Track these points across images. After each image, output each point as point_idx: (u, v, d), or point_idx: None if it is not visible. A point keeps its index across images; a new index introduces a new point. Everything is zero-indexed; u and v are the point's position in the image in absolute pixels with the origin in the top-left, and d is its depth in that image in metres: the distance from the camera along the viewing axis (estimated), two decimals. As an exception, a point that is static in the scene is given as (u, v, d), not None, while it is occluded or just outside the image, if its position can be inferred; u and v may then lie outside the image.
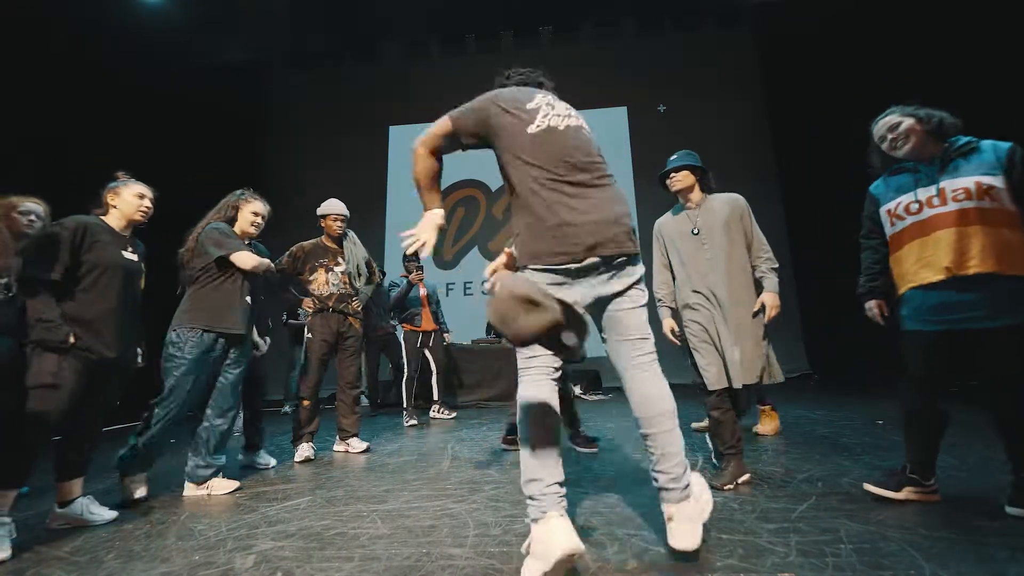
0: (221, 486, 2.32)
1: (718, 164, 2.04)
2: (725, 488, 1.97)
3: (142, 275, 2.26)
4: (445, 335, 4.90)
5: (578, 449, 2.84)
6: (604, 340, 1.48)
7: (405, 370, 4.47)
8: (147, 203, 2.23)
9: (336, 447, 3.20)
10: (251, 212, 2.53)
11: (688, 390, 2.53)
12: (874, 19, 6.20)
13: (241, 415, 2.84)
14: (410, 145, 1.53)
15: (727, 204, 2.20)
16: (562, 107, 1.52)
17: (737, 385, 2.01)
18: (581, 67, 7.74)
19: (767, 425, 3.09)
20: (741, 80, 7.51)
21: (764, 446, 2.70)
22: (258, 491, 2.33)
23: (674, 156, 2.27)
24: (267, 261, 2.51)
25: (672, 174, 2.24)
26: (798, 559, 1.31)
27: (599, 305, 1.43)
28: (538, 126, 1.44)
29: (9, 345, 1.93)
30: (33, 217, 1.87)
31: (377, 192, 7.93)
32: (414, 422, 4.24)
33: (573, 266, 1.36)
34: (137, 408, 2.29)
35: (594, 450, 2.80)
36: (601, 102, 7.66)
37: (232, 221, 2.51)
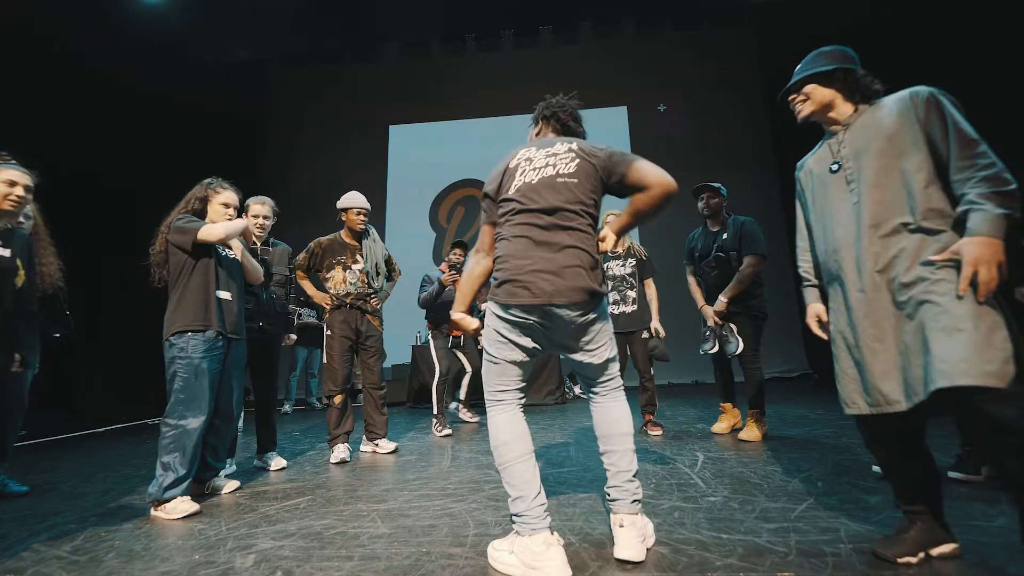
0: (221, 486, 2.32)
1: (718, 163, 2.02)
2: (899, 560, 1.26)
3: (17, 272, 2.00)
4: (480, 335, 4.76)
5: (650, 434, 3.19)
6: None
7: (437, 373, 3.95)
8: (19, 191, 1.95)
9: (363, 447, 3.18)
10: (221, 204, 2.30)
11: (685, 390, 2.51)
12: (874, 19, 6.20)
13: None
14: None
15: (891, 111, 1.29)
16: (541, 156, 1.51)
17: (879, 409, 1.24)
18: (581, 67, 7.75)
19: (752, 431, 2.86)
20: (741, 80, 7.50)
21: (763, 447, 2.69)
22: (258, 491, 2.33)
23: (799, 67, 1.48)
24: (242, 221, 2.27)
25: (792, 96, 1.47)
26: (798, 559, 1.31)
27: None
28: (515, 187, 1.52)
29: None
30: None
31: (377, 192, 7.92)
32: (448, 432, 3.65)
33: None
34: (136, 408, 2.28)
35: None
36: (601, 102, 7.65)
37: (200, 214, 2.30)
